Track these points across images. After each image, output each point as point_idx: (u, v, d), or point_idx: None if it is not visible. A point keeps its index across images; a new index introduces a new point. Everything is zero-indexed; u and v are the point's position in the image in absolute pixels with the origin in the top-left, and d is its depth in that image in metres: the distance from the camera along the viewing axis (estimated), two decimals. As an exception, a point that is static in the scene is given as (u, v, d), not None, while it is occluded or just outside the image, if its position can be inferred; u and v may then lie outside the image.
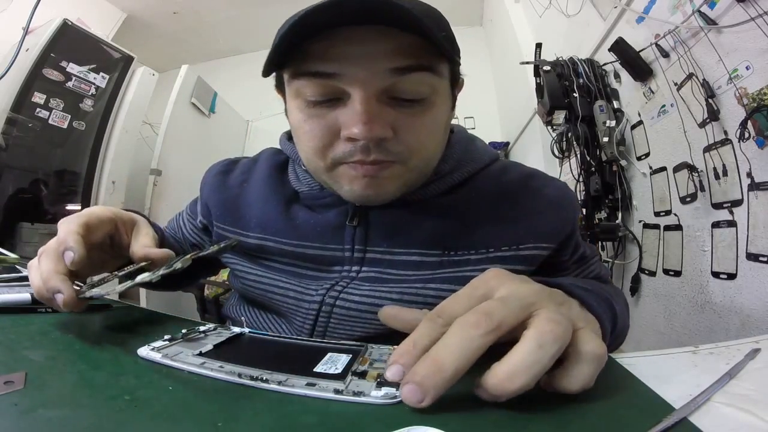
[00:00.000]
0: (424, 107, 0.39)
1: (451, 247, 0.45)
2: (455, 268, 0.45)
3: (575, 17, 1.89)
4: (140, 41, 3.21)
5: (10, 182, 2.02)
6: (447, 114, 0.43)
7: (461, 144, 0.51)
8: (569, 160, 1.84)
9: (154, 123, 2.90)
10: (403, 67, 0.36)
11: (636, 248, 1.51)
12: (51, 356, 0.32)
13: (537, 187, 0.50)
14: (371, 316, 0.43)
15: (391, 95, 0.38)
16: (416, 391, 0.23)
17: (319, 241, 0.47)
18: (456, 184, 0.48)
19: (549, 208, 0.48)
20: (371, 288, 0.44)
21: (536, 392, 0.25)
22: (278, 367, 0.30)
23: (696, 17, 1.10)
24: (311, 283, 0.47)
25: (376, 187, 0.41)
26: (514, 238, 0.46)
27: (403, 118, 0.38)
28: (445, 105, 0.41)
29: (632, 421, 0.25)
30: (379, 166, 0.39)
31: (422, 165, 0.42)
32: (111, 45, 2.40)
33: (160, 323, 0.47)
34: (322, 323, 0.44)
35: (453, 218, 0.46)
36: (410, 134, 0.39)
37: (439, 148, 0.44)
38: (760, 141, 0.95)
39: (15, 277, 0.65)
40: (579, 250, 0.52)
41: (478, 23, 3.83)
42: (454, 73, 0.43)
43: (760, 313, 0.95)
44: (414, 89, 0.37)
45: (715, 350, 0.35)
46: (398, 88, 0.37)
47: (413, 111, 0.38)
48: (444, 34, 0.36)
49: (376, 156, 0.38)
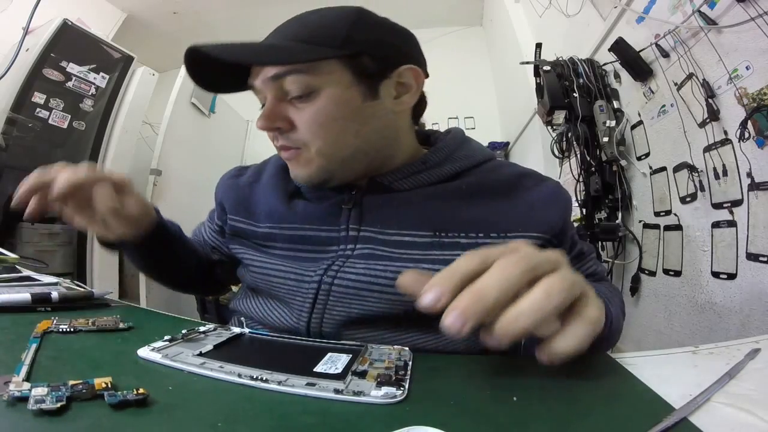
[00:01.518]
0: (309, 100, 0.46)
1: (442, 229, 0.48)
2: (446, 250, 0.47)
3: (575, 17, 1.89)
4: (140, 41, 3.21)
5: (10, 182, 2.02)
6: (348, 100, 0.47)
7: (455, 140, 0.57)
8: (569, 160, 1.84)
9: (154, 123, 2.90)
10: (273, 75, 0.46)
11: (636, 248, 1.51)
12: (51, 356, 0.32)
13: (530, 183, 0.53)
14: (367, 293, 0.46)
15: (286, 97, 0.47)
16: (459, 318, 0.25)
17: (317, 223, 0.52)
18: (447, 176, 0.52)
19: (540, 202, 0.50)
20: (366, 266, 0.47)
21: (536, 392, 0.25)
22: (278, 367, 0.30)
23: (696, 17, 1.10)
24: (310, 266, 0.50)
25: (297, 168, 0.50)
26: (504, 226, 0.48)
27: (297, 112, 0.47)
28: (338, 93, 0.46)
29: (632, 421, 0.25)
30: (292, 151, 0.49)
31: (326, 148, 0.48)
32: (111, 45, 2.40)
33: (160, 323, 0.47)
34: (321, 302, 0.47)
35: (444, 205, 0.50)
36: (302, 124, 0.47)
37: (346, 131, 0.48)
38: (760, 141, 0.95)
39: (15, 277, 0.65)
40: (576, 246, 0.54)
41: (478, 23, 3.83)
42: (362, 64, 0.47)
43: (760, 313, 0.95)
44: (293, 88, 0.46)
45: (715, 350, 0.35)
46: (284, 90, 0.46)
47: (301, 105, 0.47)
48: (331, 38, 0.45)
49: (282, 143, 0.49)
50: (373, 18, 0.50)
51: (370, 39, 0.47)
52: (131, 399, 0.24)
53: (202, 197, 3.22)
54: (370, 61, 0.47)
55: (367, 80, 0.47)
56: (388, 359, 0.34)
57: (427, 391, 0.29)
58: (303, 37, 0.45)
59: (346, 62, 0.46)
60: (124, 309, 0.52)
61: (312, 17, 0.48)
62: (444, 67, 3.84)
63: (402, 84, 0.50)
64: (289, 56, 0.44)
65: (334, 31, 0.46)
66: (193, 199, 3.07)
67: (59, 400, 0.23)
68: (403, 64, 0.49)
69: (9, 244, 1.83)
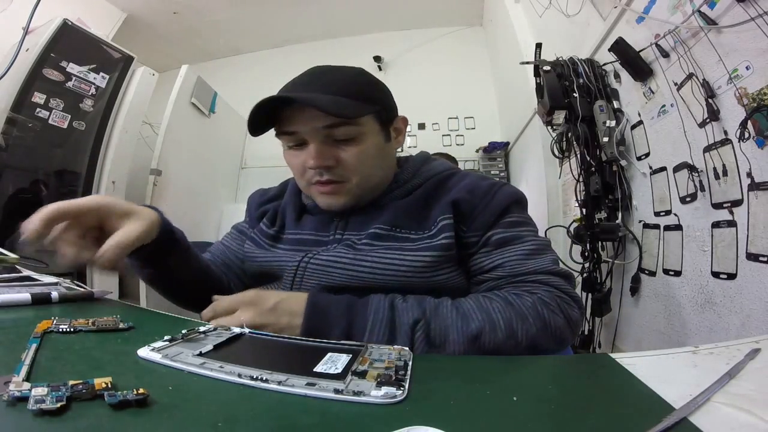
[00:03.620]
0: (353, 144, 0.60)
1: (399, 225, 0.62)
2: (398, 242, 0.61)
3: (575, 17, 1.89)
4: (140, 41, 3.21)
5: (10, 182, 2.02)
6: (379, 144, 0.63)
7: (419, 161, 0.71)
8: (569, 160, 1.84)
9: (154, 123, 2.90)
10: (329, 125, 0.58)
11: (636, 248, 1.51)
12: (51, 356, 0.32)
13: (451, 184, 0.65)
14: (333, 270, 0.60)
15: (332, 139, 0.59)
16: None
17: (314, 230, 0.68)
18: (412, 189, 0.67)
19: (464, 190, 0.62)
20: (334, 253, 0.61)
21: (536, 392, 0.25)
22: (278, 367, 0.30)
23: (696, 17, 1.10)
24: (300, 254, 0.65)
25: (333, 199, 0.63)
26: (436, 215, 0.61)
27: (342, 153, 0.60)
28: (374, 139, 0.62)
29: (632, 421, 0.25)
30: (333, 185, 0.61)
31: (363, 181, 0.62)
32: (111, 45, 2.40)
33: (160, 323, 0.47)
34: (300, 275, 0.62)
35: (404, 211, 0.64)
36: (348, 162, 0.60)
37: (377, 167, 0.64)
38: (760, 141, 0.95)
39: (15, 277, 0.65)
40: (494, 237, 0.59)
41: (478, 23, 3.83)
42: (383, 116, 0.63)
43: (760, 313, 0.95)
44: (342, 134, 0.59)
45: (715, 350, 0.35)
46: (333, 135, 0.59)
47: (347, 147, 0.60)
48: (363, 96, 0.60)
49: (328, 177, 0.61)
50: (373, 76, 0.66)
51: (382, 97, 0.64)
52: (131, 399, 0.24)
53: (202, 197, 3.24)
54: (385, 114, 0.64)
55: (385, 127, 0.64)
56: (388, 359, 0.34)
57: (427, 391, 0.29)
58: (346, 92, 0.59)
59: (376, 115, 0.62)
60: (124, 309, 0.52)
61: (339, 74, 0.62)
62: (444, 67, 3.86)
63: (397, 129, 0.68)
64: (356, 112, 0.58)
65: (364, 87, 0.62)
66: (193, 199, 3.07)
67: (59, 400, 0.23)
68: (396, 115, 0.67)
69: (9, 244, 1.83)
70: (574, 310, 0.55)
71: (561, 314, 0.53)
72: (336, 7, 3.61)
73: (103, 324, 0.40)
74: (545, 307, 0.52)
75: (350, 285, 0.58)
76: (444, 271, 0.59)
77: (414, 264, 0.57)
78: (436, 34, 3.85)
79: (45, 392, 0.24)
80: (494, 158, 3.29)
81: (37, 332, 0.36)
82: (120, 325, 0.40)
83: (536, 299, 0.53)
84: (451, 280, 0.59)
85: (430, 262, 0.57)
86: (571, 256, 1.73)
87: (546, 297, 0.54)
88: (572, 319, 0.54)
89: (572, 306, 0.55)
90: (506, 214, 0.61)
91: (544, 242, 0.61)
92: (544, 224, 2.14)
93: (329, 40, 4.05)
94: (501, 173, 3.24)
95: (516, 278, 0.57)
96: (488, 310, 0.51)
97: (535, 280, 0.56)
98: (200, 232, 3.06)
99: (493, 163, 3.29)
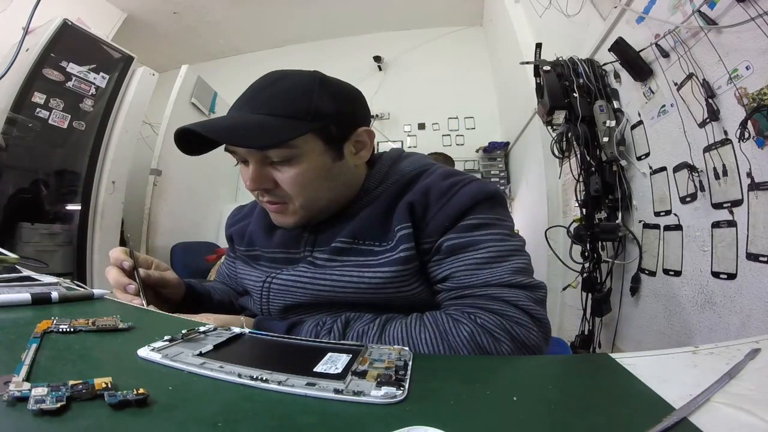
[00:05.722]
0: (290, 166, 0.55)
1: (362, 237, 0.59)
2: (361, 256, 0.58)
3: (575, 17, 1.89)
4: (140, 41, 3.21)
5: (10, 182, 2.02)
6: (322, 164, 0.57)
7: (387, 163, 0.65)
8: (569, 160, 1.84)
9: (154, 123, 2.90)
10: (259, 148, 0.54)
11: (636, 248, 1.51)
12: (51, 356, 0.32)
13: (412, 187, 0.60)
14: (296, 289, 0.60)
15: (270, 160, 0.55)
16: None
17: (284, 247, 0.66)
18: (379, 196, 0.62)
19: (420, 192, 0.58)
20: (296, 271, 0.61)
21: (536, 392, 0.25)
22: (278, 367, 0.30)
23: (696, 17, 1.10)
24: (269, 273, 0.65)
25: (282, 218, 0.61)
26: (395, 224, 0.57)
27: (279, 175, 0.56)
28: (314, 160, 0.56)
29: (632, 421, 0.25)
30: (277, 205, 0.59)
31: (308, 203, 0.59)
32: (111, 45, 2.40)
33: (160, 323, 0.47)
34: (266, 296, 0.63)
35: (367, 221, 0.60)
36: (285, 184, 0.56)
37: (322, 189, 0.59)
38: (760, 141, 0.95)
39: (15, 277, 0.65)
40: (446, 244, 0.55)
41: (478, 23, 3.83)
42: (328, 133, 0.56)
43: (760, 313, 0.95)
44: (277, 156, 0.54)
45: (715, 350, 0.35)
46: (269, 156, 0.55)
47: (284, 169, 0.56)
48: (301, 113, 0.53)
49: (268, 199, 0.59)
50: (331, 84, 0.58)
51: (333, 110, 0.56)
52: (131, 399, 0.24)
53: (202, 197, 3.24)
54: (336, 130, 0.57)
55: (334, 145, 0.57)
56: (388, 359, 0.34)
57: (427, 391, 0.29)
58: (279, 111, 0.53)
59: (317, 133, 0.55)
60: (124, 309, 0.52)
61: (281, 86, 0.56)
62: (444, 67, 3.86)
63: (360, 142, 0.60)
64: (272, 138, 0.52)
65: (304, 103, 0.54)
66: (192, 199, 3.07)
67: (59, 400, 0.23)
68: (358, 127, 0.59)
69: (9, 244, 1.83)
70: (529, 329, 0.48)
71: (508, 341, 0.47)
72: (336, 7, 3.61)
73: (103, 324, 0.40)
74: (486, 336, 0.47)
75: (316, 302, 0.59)
76: (411, 285, 0.55)
77: (374, 280, 0.55)
78: (436, 34, 3.85)
79: (45, 392, 0.24)
80: (494, 158, 3.30)
81: (37, 332, 0.36)
82: (120, 325, 0.40)
83: (475, 328, 0.47)
84: (421, 294, 0.56)
85: (391, 278, 0.54)
86: (571, 256, 1.73)
87: (489, 323, 0.48)
88: (526, 342, 0.48)
89: (526, 326, 0.48)
90: (466, 216, 0.55)
91: (508, 247, 0.54)
92: (544, 224, 2.14)
93: (329, 40, 4.05)
94: (501, 173, 3.25)
95: (463, 291, 0.52)
96: (415, 342, 0.49)
97: (484, 294, 0.51)
98: (200, 232, 3.06)
99: (493, 163, 3.29)
